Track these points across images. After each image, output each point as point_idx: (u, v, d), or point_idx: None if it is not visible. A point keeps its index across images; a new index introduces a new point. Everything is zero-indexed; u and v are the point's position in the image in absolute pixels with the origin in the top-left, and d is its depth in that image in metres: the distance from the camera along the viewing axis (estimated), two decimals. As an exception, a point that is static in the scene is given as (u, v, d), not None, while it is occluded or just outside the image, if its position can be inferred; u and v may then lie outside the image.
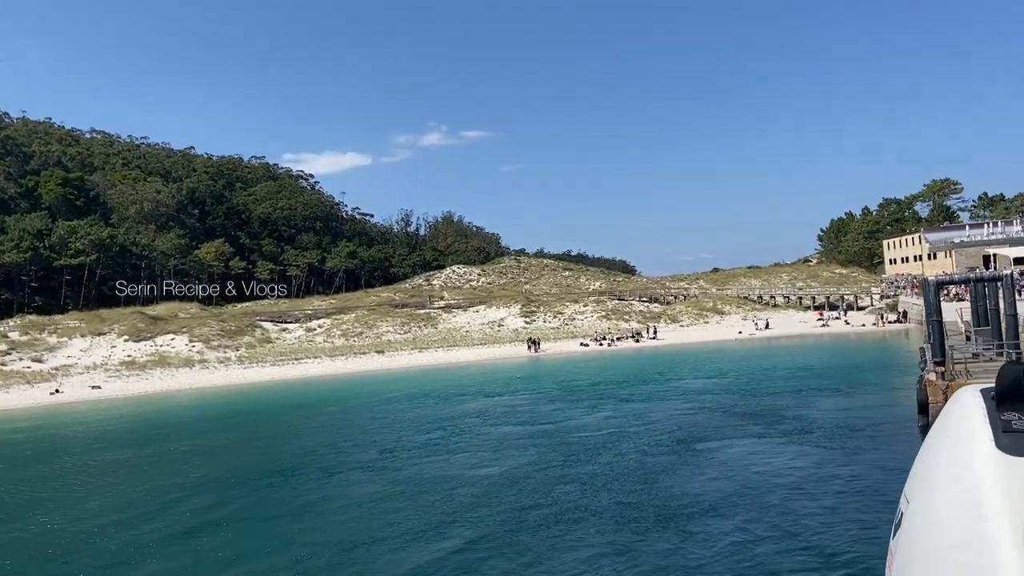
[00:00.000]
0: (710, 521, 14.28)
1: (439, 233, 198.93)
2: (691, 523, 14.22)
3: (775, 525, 13.78)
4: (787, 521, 13.95)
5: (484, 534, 14.14)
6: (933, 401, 22.52)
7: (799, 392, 30.73)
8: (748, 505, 15.14)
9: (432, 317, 78.13)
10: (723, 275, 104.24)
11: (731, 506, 15.14)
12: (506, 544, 13.55)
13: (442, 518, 15.28)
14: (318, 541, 14.36)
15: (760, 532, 13.43)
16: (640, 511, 15.11)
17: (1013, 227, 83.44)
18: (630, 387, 36.32)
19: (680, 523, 14.24)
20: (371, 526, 15.13)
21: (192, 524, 16.30)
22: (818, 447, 20.22)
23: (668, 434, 23.29)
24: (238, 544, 14.65)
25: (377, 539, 14.25)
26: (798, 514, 14.34)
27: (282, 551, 13.98)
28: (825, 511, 14.39)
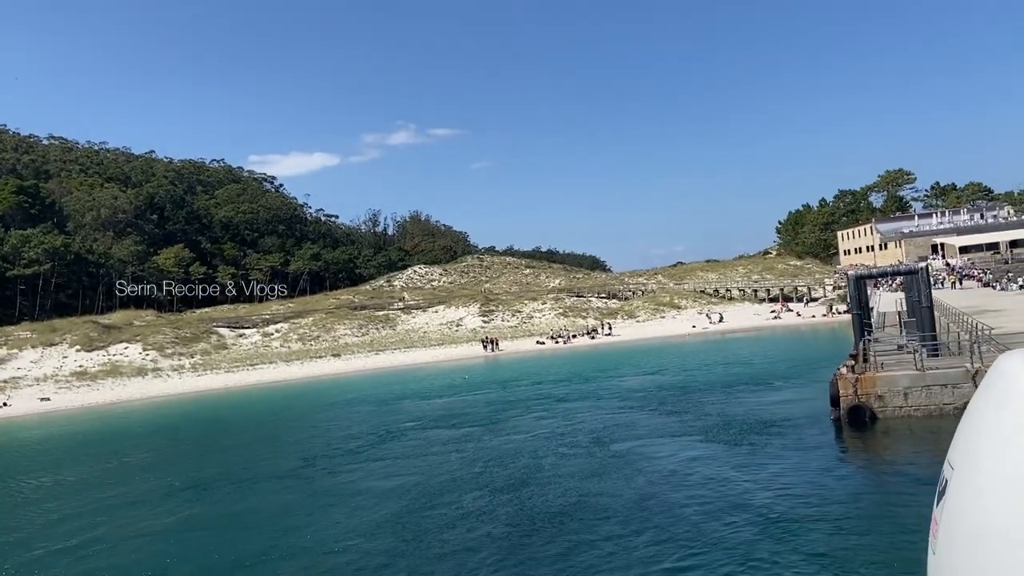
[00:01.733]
0: (600, 524, 14.69)
1: (407, 233, 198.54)
2: (583, 527, 14.61)
3: (661, 527, 14.22)
4: (670, 521, 14.41)
5: (378, 545, 14.40)
6: (844, 394, 23.20)
7: (729, 387, 31.36)
8: (641, 507, 15.58)
9: (391, 319, 78.14)
10: (681, 270, 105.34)
11: (624, 508, 15.57)
12: (396, 554, 13.85)
13: (340, 532, 15.51)
14: (200, 562, 14.54)
15: (647, 535, 13.84)
16: (537, 516, 15.48)
17: (960, 216, 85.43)
18: (570, 386, 36.78)
19: (572, 527, 14.63)
20: (267, 542, 15.34)
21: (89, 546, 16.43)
22: (725, 445, 20.74)
23: (589, 435, 23.75)
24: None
25: (269, 555, 14.46)
26: (682, 514, 14.80)
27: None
28: (707, 511, 14.86)
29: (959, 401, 21.79)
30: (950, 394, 21.98)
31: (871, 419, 22.19)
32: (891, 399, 22.42)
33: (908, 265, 36.37)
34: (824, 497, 15.53)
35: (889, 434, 21.46)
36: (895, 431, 21.57)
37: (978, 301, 48.30)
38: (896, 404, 22.37)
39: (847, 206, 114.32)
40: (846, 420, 22.27)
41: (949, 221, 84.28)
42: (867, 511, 14.59)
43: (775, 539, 13.07)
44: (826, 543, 12.68)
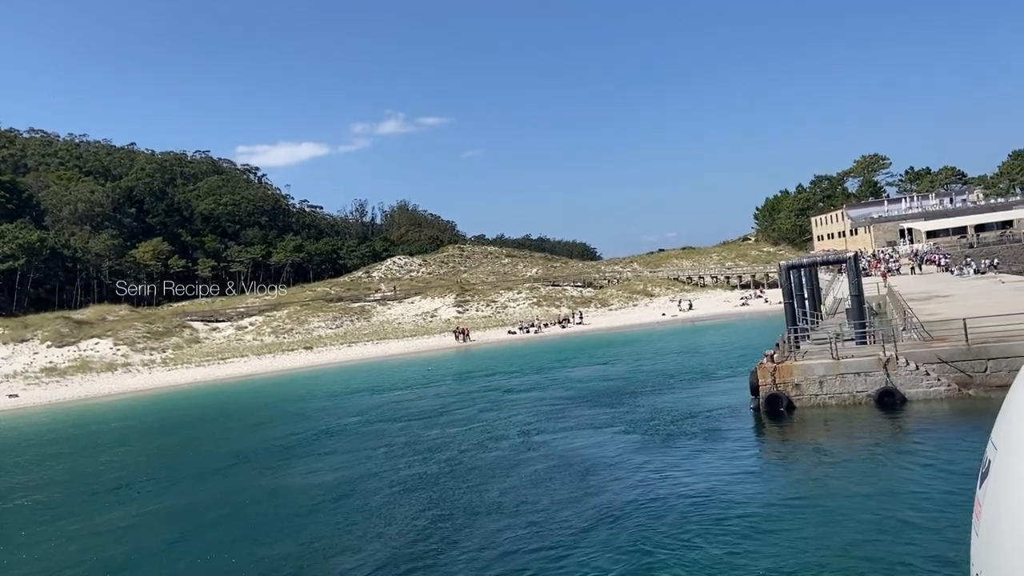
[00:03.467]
0: (496, 517, 15.28)
1: (394, 223, 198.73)
2: (475, 521, 15.21)
3: (553, 517, 14.82)
4: (562, 509, 15.02)
5: (271, 550, 14.85)
6: (763, 383, 23.84)
7: (671, 377, 32.05)
8: (541, 498, 16.19)
9: (366, 310, 78.59)
10: (657, 257, 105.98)
11: (525, 500, 16.17)
12: (283, 558, 14.39)
13: (240, 533, 15.98)
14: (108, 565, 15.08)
15: (538, 526, 14.44)
16: (433, 514, 16.02)
17: (929, 201, 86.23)
18: (522, 378, 37.40)
19: (465, 522, 15.22)
20: (160, 546, 15.83)
21: None
22: (640, 435, 21.40)
23: (518, 427, 24.37)
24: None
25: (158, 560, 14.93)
26: (577, 503, 15.42)
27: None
28: (601, 500, 15.47)
29: (871, 389, 22.49)
30: (863, 382, 22.65)
31: (788, 408, 22.86)
32: (807, 387, 23.09)
33: (836, 254, 36.99)
34: (717, 485, 16.15)
35: (804, 422, 22.13)
36: (810, 419, 22.25)
37: (931, 287, 49.12)
38: (812, 392, 23.03)
39: (823, 192, 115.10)
40: (764, 409, 22.93)
41: (918, 206, 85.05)
42: (758, 498, 15.16)
43: (651, 527, 13.68)
44: (714, 532, 13.22)
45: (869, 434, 20.01)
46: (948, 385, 22.05)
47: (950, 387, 22.01)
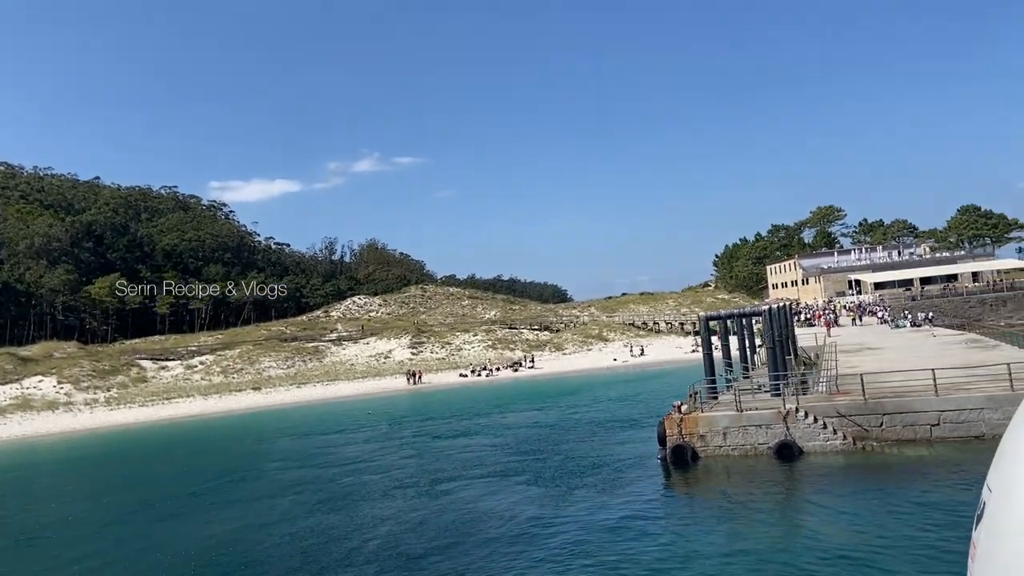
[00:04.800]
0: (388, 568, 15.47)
1: (362, 261, 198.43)
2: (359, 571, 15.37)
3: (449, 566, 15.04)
4: (459, 558, 15.24)
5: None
6: (670, 434, 24.35)
7: (599, 425, 32.47)
8: (435, 548, 16.40)
9: (320, 350, 78.29)
10: (615, 302, 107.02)
11: (422, 552, 16.37)
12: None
13: None
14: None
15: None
16: (320, 566, 16.18)
17: (877, 253, 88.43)
18: (457, 422, 37.58)
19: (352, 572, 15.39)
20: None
21: None
22: (547, 485, 21.69)
23: (433, 475, 24.56)
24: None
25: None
26: (470, 552, 15.64)
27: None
28: (490, 549, 15.72)
29: (771, 441, 23.06)
30: (764, 434, 23.24)
31: (693, 458, 23.34)
32: (712, 439, 23.62)
33: (755, 307, 37.97)
34: (616, 536, 16.48)
35: (707, 473, 22.59)
36: (713, 470, 22.72)
37: (867, 339, 50.34)
38: (716, 444, 23.57)
39: (780, 241, 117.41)
40: (670, 459, 23.38)
41: (867, 258, 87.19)
42: (655, 550, 15.47)
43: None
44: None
45: (764, 486, 20.51)
46: (844, 439, 22.70)
47: (845, 440, 22.66)
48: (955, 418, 22.45)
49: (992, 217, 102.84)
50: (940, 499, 17.93)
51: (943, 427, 22.53)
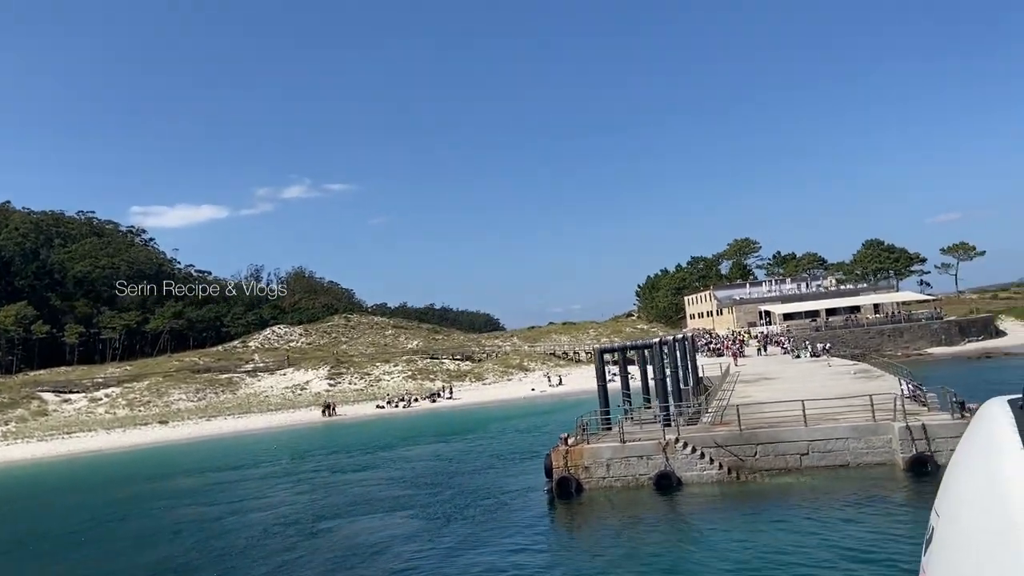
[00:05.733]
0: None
1: (289, 290, 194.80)
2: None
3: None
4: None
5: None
6: (556, 466, 24.81)
7: (498, 457, 32.78)
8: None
9: (234, 382, 76.48)
10: (537, 332, 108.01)
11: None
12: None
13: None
14: None
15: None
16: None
17: (786, 285, 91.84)
18: (362, 456, 37.34)
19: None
20: None
21: None
22: (431, 520, 21.83)
23: (321, 511, 24.42)
24: None
25: None
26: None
27: None
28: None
29: (651, 472, 23.75)
30: (644, 465, 23.92)
31: (577, 490, 23.80)
32: (595, 470, 24.16)
33: (644, 340, 39.15)
34: (485, 569, 16.69)
35: (590, 505, 23.05)
36: (596, 502, 23.20)
37: (769, 368, 52.23)
38: (600, 475, 24.11)
39: (699, 272, 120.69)
40: (556, 491, 23.79)
41: (776, 290, 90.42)
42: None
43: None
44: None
45: (642, 517, 21.09)
46: (720, 468, 23.53)
47: (721, 470, 23.49)
48: (822, 448, 23.57)
49: (894, 251, 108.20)
50: (808, 526, 18.82)
51: (812, 456, 23.61)
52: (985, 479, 1.36)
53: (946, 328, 74.40)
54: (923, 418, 23.16)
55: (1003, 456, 1.34)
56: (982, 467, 1.40)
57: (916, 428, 22.36)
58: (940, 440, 22.13)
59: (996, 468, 1.34)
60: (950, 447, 22.22)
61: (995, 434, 1.40)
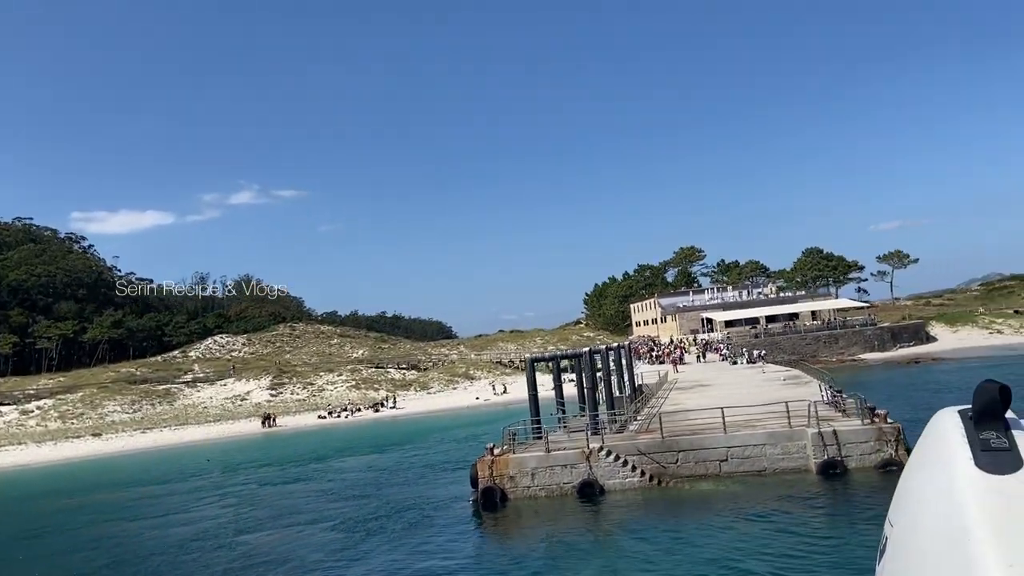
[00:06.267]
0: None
1: (234, 298, 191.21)
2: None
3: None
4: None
5: None
6: (481, 476, 24.92)
7: (430, 467, 32.79)
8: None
9: (172, 393, 74.86)
10: (483, 340, 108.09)
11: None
12: None
13: None
14: None
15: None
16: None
17: (728, 293, 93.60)
18: (296, 468, 36.93)
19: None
20: None
21: None
22: (352, 532, 21.72)
23: (243, 524, 24.12)
24: None
25: None
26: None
27: None
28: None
29: (575, 480, 24.01)
30: (569, 474, 24.16)
31: (502, 500, 23.92)
32: (521, 480, 24.33)
33: (556, 351, 39.67)
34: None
35: (517, 513, 23.20)
36: (522, 510, 23.36)
37: (706, 375, 53.14)
38: (525, 484, 24.28)
39: (645, 280, 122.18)
40: (480, 501, 23.88)
41: (719, 297, 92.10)
42: None
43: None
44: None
45: (565, 525, 21.29)
46: (642, 475, 23.90)
47: (643, 477, 23.86)
48: (740, 454, 24.12)
49: (832, 259, 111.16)
50: (723, 531, 19.25)
51: (731, 463, 24.14)
52: (935, 489, 1.39)
53: (879, 334, 76.66)
54: (835, 424, 23.86)
55: (952, 467, 1.36)
56: (932, 477, 1.42)
57: (828, 434, 23.04)
58: (850, 445, 22.84)
59: (946, 479, 1.36)
60: (859, 452, 23.00)
61: (945, 444, 1.43)
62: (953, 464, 1.37)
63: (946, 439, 1.45)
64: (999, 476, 1.33)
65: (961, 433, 1.43)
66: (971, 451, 1.38)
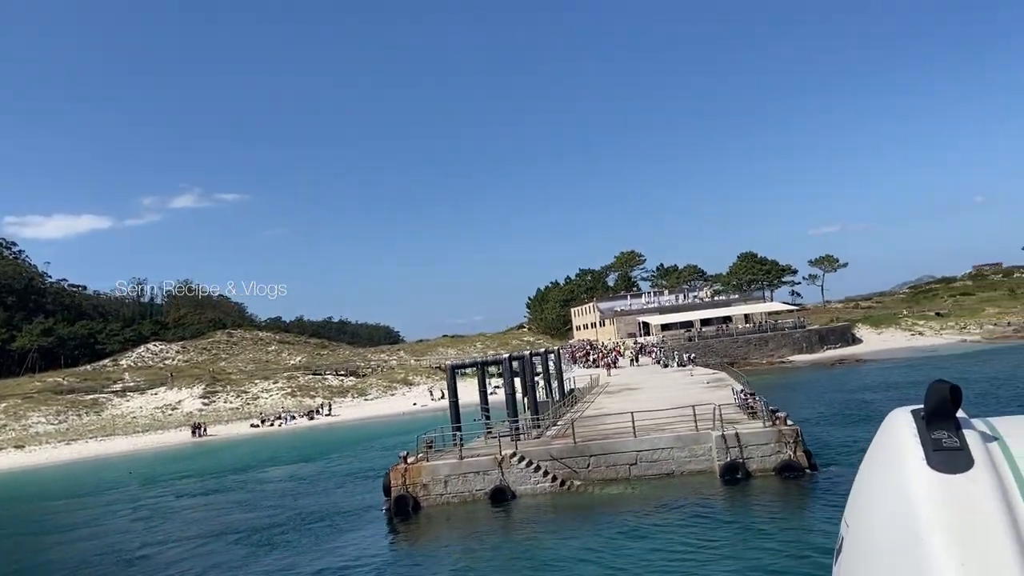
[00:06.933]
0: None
1: (173, 304, 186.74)
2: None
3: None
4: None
5: None
6: (395, 484, 24.98)
7: (351, 475, 32.73)
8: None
9: (100, 403, 72.90)
10: (423, 345, 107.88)
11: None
12: None
13: None
14: None
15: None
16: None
17: (664, 297, 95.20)
18: (216, 479, 36.39)
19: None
20: None
21: None
22: (258, 544, 21.57)
23: (148, 537, 23.71)
24: None
25: None
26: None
27: None
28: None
29: (489, 487, 24.25)
30: (481, 480, 24.39)
31: (415, 508, 24.01)
32: (434, 487, 24.46)
33: (497, 355, 40.09)
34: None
35: (429, 521, 23.32)
36: (435, 518, 23.48)
37: (637, 379, 53.98)
38: (438, 492, 24.42)
39: (587, 284, 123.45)
40: (394, 510, 23.93)
41: (655, 301, 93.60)
42: None
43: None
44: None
45: (478, 530, 21.49)
46: (553, 480, 24.26)
47: (554, 482, 24.22)
48: (649, 457, 24.66)
49: (766, 263, 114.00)
50: (626, 532, 19.69)
51: (640, 466, 24.66)
52: (888, 489, 1.42)
53: (807, 336, 78.91)
54: (739, 427, 24.56)
55: (905, 466, 1.39)
56: (886, 477, 1.45)
57: (731, 437, 23.72)
58: (751, 448, 23.54)
59: (899, 478, 1.39)
60: (760, 454, 23.73)
61: (898, 444, 1.46)
62: (906, 464, 1.42)
63: (899, 439, 1.50)
64: (951, 475, 1.37)
65: (913, 433, 1.48)
66: (923, 451, 1.43)
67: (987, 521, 1.25)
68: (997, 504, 1.27)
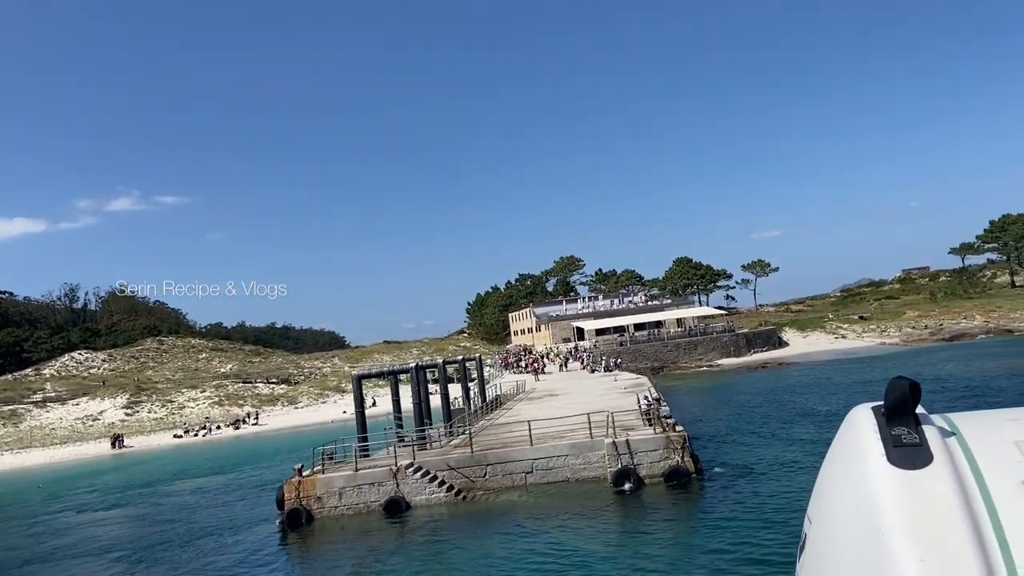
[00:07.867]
0: None
1: (107, 311, 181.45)
2: None
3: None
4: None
5: None
6: (288, 497, 24.83)
7: (260, 487, 32.32)
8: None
9: (18, 414, 70.51)
10: (359, 352, 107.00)
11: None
12: None
13: None
14: None
15: None
16: None
17: (599, 302, 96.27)
18: (124, 492, 35.74)
19: None
20: None
21: None
22: (142, 561, 21.18)
23: (32, 553, 23.09)
24: None
25: None
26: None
27: None
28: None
29: (383, 498, 24.25)
30: (376, 492, 24.39)
31: (308, 520, 23.89)
32: (328, 500, 24.37)
33: (403, 364, 40.22)
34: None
35: (322, 533, 23.21)
36: (328, 530, 23.39)
37: (562, 384, 54.45)
38: (332, 504, 24.34)
39: (526, 289, 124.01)
40: (287, 523, 23.77)
41: (591, 306, 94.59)
42: None
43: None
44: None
45: (370, 542, 21.48)
46: (449, 490, 24.39)
47: (450, 492, 24.35)
48: (545, 465, 24.98)
49: (701, 268, 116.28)
50: (526, 536, 19.95)
51: (536, 474, 24.95)
52: (849, 485, 1.45)
53: (735, 340, 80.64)
54: (630, 434, 25.04)
55: (866, 463, 1.42)
56: (847, 473, 1.48)
57: (622, 444, 24.18)
58: (641, 454, 24.03)
59: (859, 475, 1.42)
60: (649, 460, 24.25)
61: (859, 441, 1.49)
62: (866, 460, 1.46)
63: (860, 435, 1.53)
64: (911, 471, 1.40)
65: (874, 429, 1.51)
66: (883, 447, 1.46)
67: (946, 516, 1.28)
68: (956, 499, 1.30)
